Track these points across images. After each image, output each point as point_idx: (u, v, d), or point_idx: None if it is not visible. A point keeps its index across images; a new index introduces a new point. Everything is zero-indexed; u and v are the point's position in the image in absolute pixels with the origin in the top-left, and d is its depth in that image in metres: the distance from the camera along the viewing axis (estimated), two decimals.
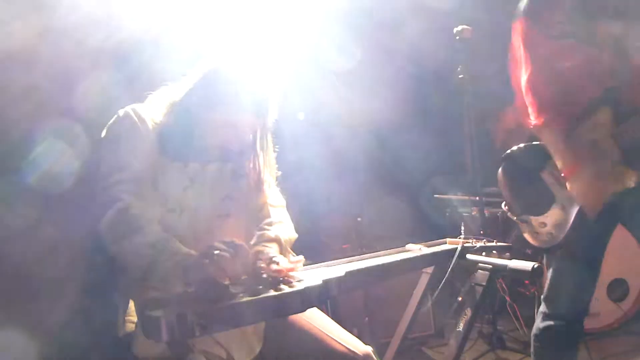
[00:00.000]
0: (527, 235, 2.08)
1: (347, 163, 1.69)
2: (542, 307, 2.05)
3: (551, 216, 2.02)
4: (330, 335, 1.62)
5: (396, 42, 4.33)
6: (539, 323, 2.04)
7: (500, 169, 2.19)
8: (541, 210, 2.04)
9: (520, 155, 2.11)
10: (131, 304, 1.57)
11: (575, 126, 1.92)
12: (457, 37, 3.17)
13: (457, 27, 3.18)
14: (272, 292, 1.09)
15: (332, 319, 1.71)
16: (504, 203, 2.18)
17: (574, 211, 1.96)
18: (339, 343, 1.59)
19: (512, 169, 2.16)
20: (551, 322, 2.02)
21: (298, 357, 1.61)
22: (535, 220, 2.05)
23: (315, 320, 1.67)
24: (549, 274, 2.07)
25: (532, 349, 2.09)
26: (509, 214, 2.13)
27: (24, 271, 1.41)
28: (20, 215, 2.57)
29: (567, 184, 1.94)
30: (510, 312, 3.54)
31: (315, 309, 1.73)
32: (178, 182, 1.55)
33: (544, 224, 2.02)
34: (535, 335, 2.06)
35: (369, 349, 1.58)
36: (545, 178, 2.03)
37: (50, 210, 1.61)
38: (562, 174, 1.94)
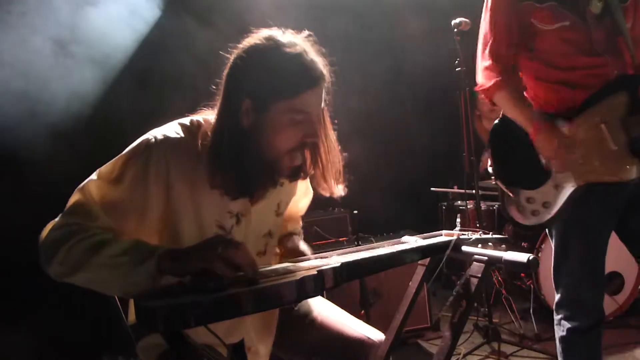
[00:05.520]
0: (511, 208, 1.96)
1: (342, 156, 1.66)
2: None
3: (542, 193, 1.90)
4: (344, 322, 1.64)
5: (393, 36, 4.33)
6: None
7: (492, 129, 2.05)
8: (532, 184, 1.91)
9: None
10: None
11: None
12: (455, 30, 3.16)
13: (455, 19, 3.18)
14: (269, 283, 1.09)
15: None
16: (489, 164, 2.04)
17: (567, 193, 1.86)
18: (355, 330, 1.61)
19: (506, 133, 1.99)
20: None
21: (315, 344, 1.61)
22: (523, 193, 1.92)
23: (329, 309, 1.69)
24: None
25: None
26: (496, 180, 2.00)
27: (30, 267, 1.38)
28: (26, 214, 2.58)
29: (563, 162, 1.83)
30: (505, 305, 3.56)
31: (324, 299, 1.74)
32: (223, 221, 1.42)
33: (532, 200, 1.91)
34: None
35: (381, 335, 1.58)
36: None
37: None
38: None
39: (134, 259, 1.20)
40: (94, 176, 1.33)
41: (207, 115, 1.43)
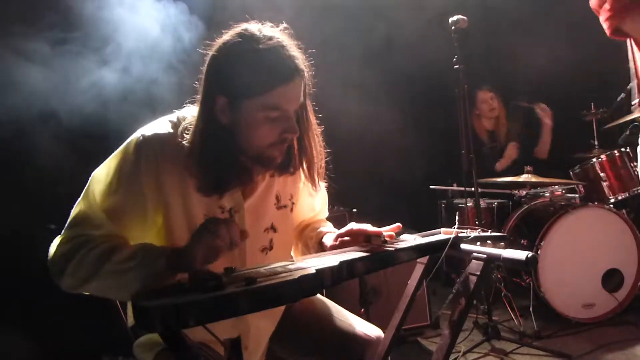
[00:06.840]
0: None
1: (342, 155, 1.67)
2: None
3: None
4: (343, 319, 1.64)
5: (391, 35, 4.32)
6: None
7: None
8: None
9: None
10: None
11: None
12: (453, 28, 3.16)
13: (452, 17, 3.17)
14: (267, 282, 1.09)
15: None
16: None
17: None
18: (354, 327, 1.61)
19: None
20: None
21: (312, 339, 1.61)
22: None
23: (327, 305, 1.70)
24: None
25: None
26: None
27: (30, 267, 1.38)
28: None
29: None
30: (505, 302, 3.56)
31: (323, 297, 1.74)
32: (212, 216, 1.40)
33: None
34: None
35: (380, 332, 1.58)
36: None
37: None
38: None
39: (143, 262, 1.22)
40: (92, 181, 1.36)
41: (193, 111, 1.43)
